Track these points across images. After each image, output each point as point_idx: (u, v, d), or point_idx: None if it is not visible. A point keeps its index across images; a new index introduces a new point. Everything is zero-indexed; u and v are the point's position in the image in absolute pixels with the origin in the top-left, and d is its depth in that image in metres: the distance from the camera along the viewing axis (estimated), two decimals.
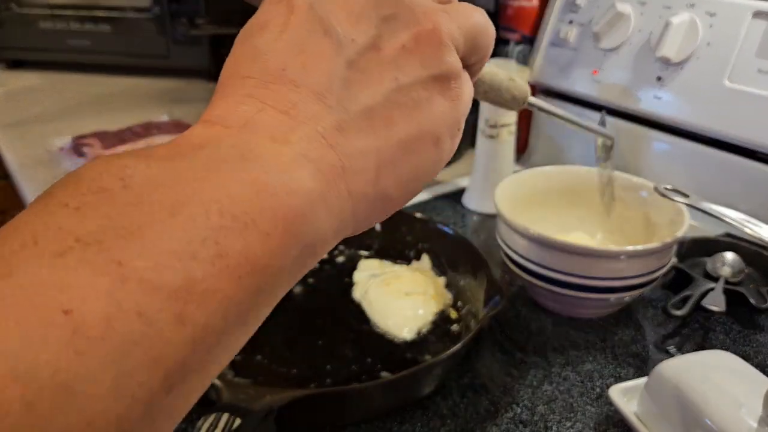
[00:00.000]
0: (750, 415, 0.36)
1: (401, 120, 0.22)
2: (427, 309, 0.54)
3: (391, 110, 0.22)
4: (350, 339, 0.51)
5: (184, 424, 0.43)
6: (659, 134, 0.71)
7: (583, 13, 0.76)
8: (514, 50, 0.82)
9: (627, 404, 0.43)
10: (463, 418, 0.44)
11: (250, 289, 0.17)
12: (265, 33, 0.22)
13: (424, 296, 0.55)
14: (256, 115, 0.20)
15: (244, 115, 0.20)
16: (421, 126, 0.23)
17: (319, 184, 0.20)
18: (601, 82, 0.73)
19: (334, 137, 0.21)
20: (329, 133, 0.21)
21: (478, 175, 0.73)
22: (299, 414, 0.41)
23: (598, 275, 0.50)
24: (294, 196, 0.19)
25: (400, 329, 0.52)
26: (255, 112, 0.20)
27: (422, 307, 0.54)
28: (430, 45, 0.23)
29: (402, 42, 0.23)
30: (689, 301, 0.53)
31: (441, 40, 0.23)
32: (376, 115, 0.22)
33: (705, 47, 0.65)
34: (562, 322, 0.54)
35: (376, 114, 0.22)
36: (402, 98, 0.22)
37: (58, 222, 0.15)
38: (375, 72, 0.22)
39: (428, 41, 0.23)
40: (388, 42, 0.22)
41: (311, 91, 0.21)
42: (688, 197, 0.52)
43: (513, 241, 0.53)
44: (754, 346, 0.51)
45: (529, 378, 0.48)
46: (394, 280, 0.57)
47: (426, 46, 0.23)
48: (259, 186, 0.18)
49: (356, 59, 0.22)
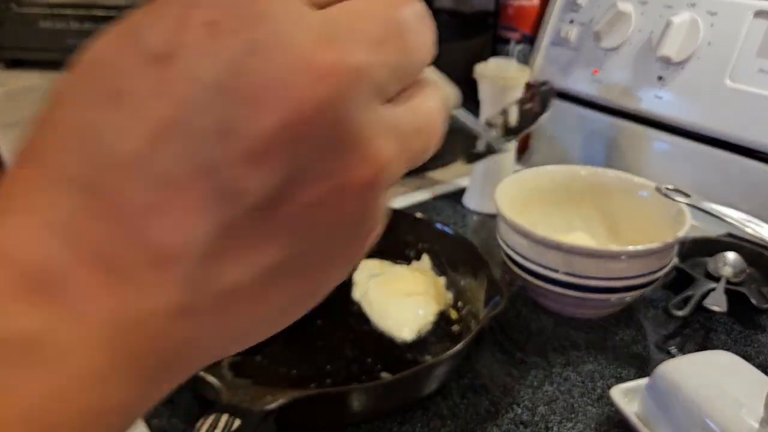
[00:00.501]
0: (751, 415, 0.36)
1: (277, 295, 0.16)
2: (428, 309, 0.54)
3: (266, 287, 0.16)
4: (350, 339, 0.51)
5: (184, 425, 0.43)
6: (660, 134, 0.71)
7: (583, 13, 0.76)
8: (515, 49, 0.82)
9: (628, 405, 0.42)
10: (464, 418, 0.44)
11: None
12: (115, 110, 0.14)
13: (424, 296, 0.55)
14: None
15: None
16: (305, 293, 0.17)
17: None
18: (602, 81, 0.73)
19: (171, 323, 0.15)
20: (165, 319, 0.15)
21: (478, 175, 0.73)
22: (299, 414, 0.41)
23: (599, 275, 0.49)
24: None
25: (400, 330, 0.51)
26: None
27: (422, 308, 0.53)
28: (361, 198, 0.16)
29: (318, 195, 0.15)
30: (690, 302, 0.53)
31: (377, 191, 0.16)
32: (243, 295, 0.15)
33: (706, 47, 0.65)
34: (562, 323, 0.54)
35: (242, 295, 0.15)
36: (289, 271, 0.16)
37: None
38: (261, 240, 0.15)
39: (359, 194, 0.16)
40: (299, 195, 0.15)
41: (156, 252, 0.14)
42: (689, 197, 0.52)
43: (513, 241, 0.53)
44: (756, 346, 0.51)
45: (529, 378, 0.48)
46: (395, 280, 0.56)
47: (353, 199, 0.16)
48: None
49: (236, 223, 0.14)
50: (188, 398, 0.45)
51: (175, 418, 0.44)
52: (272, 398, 0.38)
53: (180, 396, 0.46)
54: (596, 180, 0.61)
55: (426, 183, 0.81)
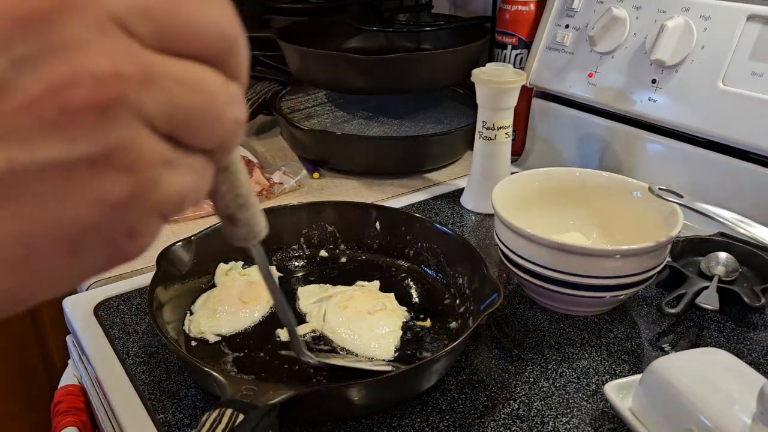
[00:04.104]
0: (744, 411, 0.36)
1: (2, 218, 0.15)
2: (395, 322, 0.52)
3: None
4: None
5: (188, 419, 0.44)
6: (654, 136, 0.72)
7: (579, 18, 0.77)
8: (511, 54, 0.83)
9: (622, 400, 0.43)
10: (461, 413, 0.45)
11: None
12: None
13: (384, 311, 0.53)
14: None
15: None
16: (39, 227, 0.16)
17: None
18: (597, 85, 0.74)
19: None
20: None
21: (475, 176, 0.74)
22: (301, 409, 0.42)
23: (593, 274, 0.50)
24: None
25: (377, 349, 0.50)
26: None
27: (387, 325, 0.52)
28: (89, 107, 0.15)
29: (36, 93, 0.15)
30: (683, 300, 0.54)
31: (108, 101, 0.15)
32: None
33: (699, 50, 0.66)
34: (558, 320, 0.55)
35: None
36: (14, 187, 0.15)
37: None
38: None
39: (85, 99, 0.15)
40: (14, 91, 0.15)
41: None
42: (682, 197, 0.53)
43: (510, 240, 0.54)
44: (748, 343, 0.52)
45: (525, 374, 0.49)
46: (349, 300, 0.54)
47: (80, 107, 0.15)
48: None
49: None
50: (193, 393, 0.46)
51: (179, 412, 0.45)
52: (275, 393, 0.39)
53: (185, 391, 0.47)
54: (591, 181, 0.62)
55: (425, 184, 0.82)
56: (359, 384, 0.42)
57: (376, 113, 0.93)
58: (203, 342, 0.51)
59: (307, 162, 0.85)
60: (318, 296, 0.56)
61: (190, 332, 0.52)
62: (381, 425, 0.44)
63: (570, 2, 0.77)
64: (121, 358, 0.50)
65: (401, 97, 0.98)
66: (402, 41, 1.03)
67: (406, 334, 0.52)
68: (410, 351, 0.50)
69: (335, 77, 0.83)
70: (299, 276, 0.61)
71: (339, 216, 0.64)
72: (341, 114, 0.93)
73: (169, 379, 0.48)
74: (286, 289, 0.58)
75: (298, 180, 0.79)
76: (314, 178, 0.83)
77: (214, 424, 0.36)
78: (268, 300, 0.55)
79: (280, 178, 0.79)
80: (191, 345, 0.51)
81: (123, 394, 0.47)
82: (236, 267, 0.59)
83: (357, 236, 0.63)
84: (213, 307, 0.53)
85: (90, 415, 0.57)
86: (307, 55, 0.84)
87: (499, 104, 0.69)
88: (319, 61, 0.83)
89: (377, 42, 1.02)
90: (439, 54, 0.83)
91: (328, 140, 0.83)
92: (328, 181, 0.83)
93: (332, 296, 0.55)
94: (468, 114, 0.90)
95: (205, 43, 0.17)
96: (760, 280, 0.57)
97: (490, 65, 0.70)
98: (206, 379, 0.43)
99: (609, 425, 0.44)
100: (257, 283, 0.57)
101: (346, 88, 0.87)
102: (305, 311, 0.54)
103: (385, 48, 1.01)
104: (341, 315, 0.52)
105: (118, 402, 0.46)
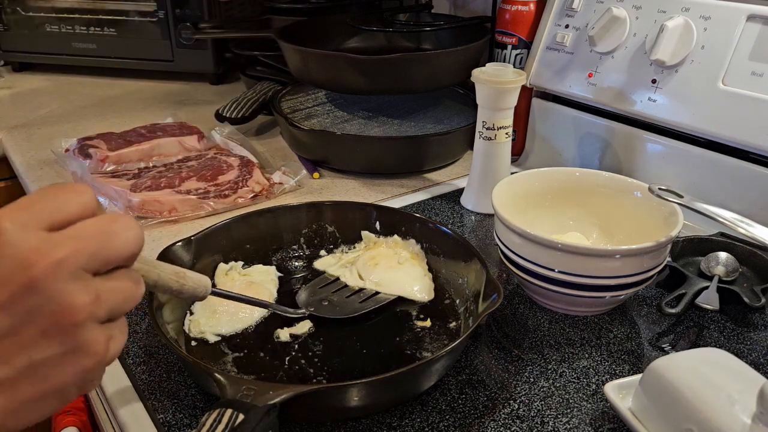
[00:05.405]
0: (743, 411, 0.36)
1: (27, 387, 0.27)
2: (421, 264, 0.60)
3: (18, 380, 0.27)
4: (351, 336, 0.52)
5: (189, 419, 0.44)
6: (654, 136, 0.72)
7: (579, 18, 0.77)
8: (511, 54, 0.83)
9: (622, 400, 0.43)
10: (461, 413, 0.45)
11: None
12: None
13: (409, 259, 0.60)
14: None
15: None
16: (47, 390, 0.28)
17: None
18: (597, 85, 0.74)
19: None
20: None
21: (475, 176, 0.74)
22: (301, 409, 0.42)
23: (593, 274, 0.50)
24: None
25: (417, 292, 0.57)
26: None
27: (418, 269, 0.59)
28: (66, 329, 0.27)
29: (41, 328, 0.27)
30: (683, 300, 0.54)
31: (77, 323, 0.27)
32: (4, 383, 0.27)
33: (699, 50, 0.66)
34: (558, 320, 0.55)
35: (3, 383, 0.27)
36: (32, 372, 0.27)
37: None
38: (12, 352, 0.27)
39: (64, 326, 0.27)
40: (27, 329, 0.27)
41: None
42: (682, 197, 0.53)
43: (510, 240, 0.54)
44: (748, 343, 0.52)
45: (525, 374, 0.49)
46: (374, 258, 0.60)
47: (62, 329, 0.27)
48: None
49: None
50: (193, 393, 0.46)
51: (179, 412, 0.45)
52: (275, 393, 0.39)
53: (185, 391, 0.47)
54: (591, 181, 0.62)
55: (425, 184, 0.82)
56: (359, 384, 0.42)
57: (376, 113, 0.93)
58: (203, 342, 0.51)
59: (307, 162, 0.86)
60: (338, 262, 0.61)
61: (190, 332, 0.52)
62: (381, 425, 0.44)
63: (570, 2, 0.77)
64: (120, 357, 0.50)
65: (401, 97, 0.98)
66: (402, 41, 1.03)
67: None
68: (410, 351, 0.51)
69: (335, 77, 0.84)
70: (299, 276, 0.61)
71: (339, 216, 0.64)
72: (341, 114, 0.93)
73: (169, 379, 0.48)
74: (285, 289, 0.58)
75: (298, 180, 0.79)
76: (314, 178, 0.83)
77: (214, 424, 0.36)
78: (268, 300, 0.55)
79: (280, 178, 0.79)
80: (191, 345, 0.51)
81: (123, 394, 0.47)
82: (236, 267, 0.59)
83: (357, 236, 0.63)
84: (213, 307, 0.53)
85: (90, 415, 0.57)
86: (307, 55, 0.84)
87: (499, 104, 0.69)
88: (318, 61, 0.83)
89: (377, 42, 1.02)
90: (439, 54, 0.83)
91: (328, 140, 0.83)
92: (328, 181, 0.83)
93: (354, 260, 0.60)
94: (468, 114, 0.90)
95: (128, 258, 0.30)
96: (760, 280, 0.57)
97: (490, 65, 0.70)
98: (206, 379, 0.43)
99: (609, 425, 0.44)
100: (257, 283, 0.57)
101: (346, 88, 0.87)
102: (336, 274, 0.59)
103: (385, 48, 1.01)
104: (375, 272, 0.58)
105: (118, 402, 0.46)
